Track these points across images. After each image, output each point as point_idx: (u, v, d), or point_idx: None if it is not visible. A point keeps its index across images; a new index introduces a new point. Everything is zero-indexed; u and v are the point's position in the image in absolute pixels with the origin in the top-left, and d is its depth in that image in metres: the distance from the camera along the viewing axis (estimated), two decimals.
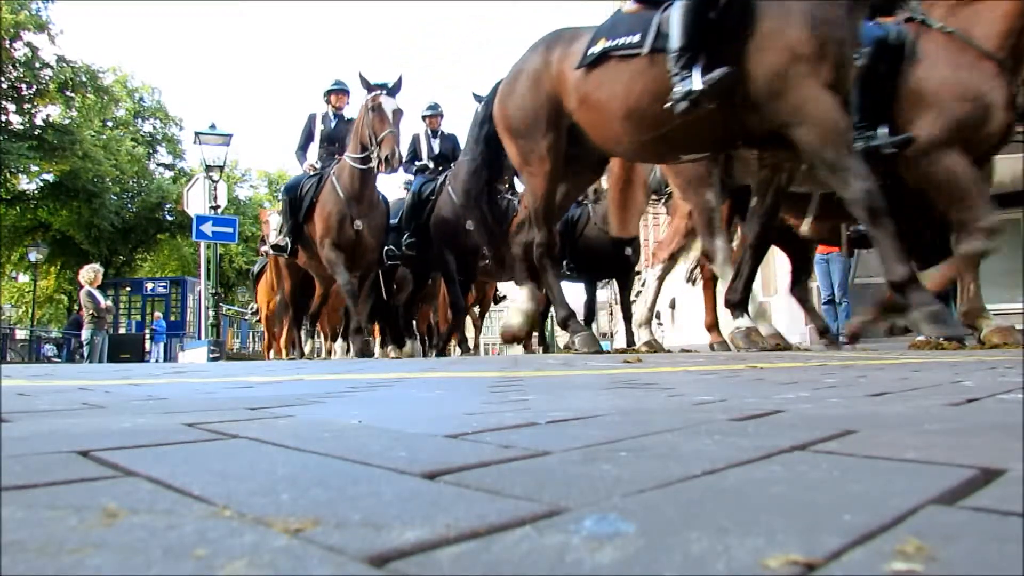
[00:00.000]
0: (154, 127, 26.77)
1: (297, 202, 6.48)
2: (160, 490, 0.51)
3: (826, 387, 1.41)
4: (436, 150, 7.48)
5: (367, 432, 0.83)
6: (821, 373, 1.89)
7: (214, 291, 10.48)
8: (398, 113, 5.92)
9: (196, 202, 10.98)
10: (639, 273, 8.03)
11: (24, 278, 25.89)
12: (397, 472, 0.57)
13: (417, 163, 7.36)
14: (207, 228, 10.23)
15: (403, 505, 0.46)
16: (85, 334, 10.09)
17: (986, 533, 0.37)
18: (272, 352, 8.71)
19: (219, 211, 10.69)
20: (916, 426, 0.79)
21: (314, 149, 6.80)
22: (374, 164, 5.86)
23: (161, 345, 14.95)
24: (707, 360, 2.95)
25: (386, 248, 6.85)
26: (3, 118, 20.05)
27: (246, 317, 18.67)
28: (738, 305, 4.26)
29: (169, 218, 24.80)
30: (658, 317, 15.67)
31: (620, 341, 10.87)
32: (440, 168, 7.33)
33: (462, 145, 6.90)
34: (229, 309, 17.18)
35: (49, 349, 17.30)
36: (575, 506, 0.45)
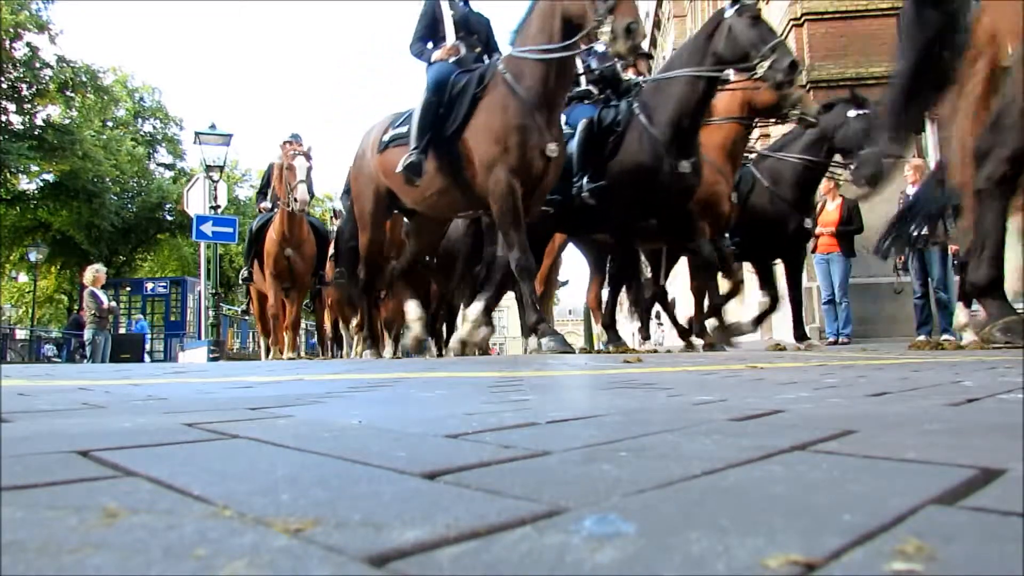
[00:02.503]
0: (154, 127, 26.79)
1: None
2: (160, 490, 0.51)
3: (826, 387, 1.41)
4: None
5: (367, 432, 0.83)
6: (821, 373, 1.89)
7: (214, 291, 10.48)
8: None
9: (196, 202, 10.98)
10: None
11: (24, 278, 25.91)
12: (397, 472, 0.57)
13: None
14: (207, 228, 10.23)
15: (403, 505, 0.46)
16: (87, 334, 10.10)
17: (986, 533, 0.37)
18: (272, 352, 8.58)
19: (219, 211, 10.70)
20: (916, 426, 0.79)
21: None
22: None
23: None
24: (707, 360, 2.95)
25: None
26: (3, 118, 20.05)
27: (246, 317, 18.67)
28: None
29: (169, 218, 24.82)
30: (657, 317, 15.67)
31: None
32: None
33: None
34: (229, 309, 17.16)
35: (49, 349, 17.30)
36: (575, 506, 0.45)
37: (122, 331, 14.64)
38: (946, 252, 6.84)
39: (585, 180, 4.78)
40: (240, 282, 8.68)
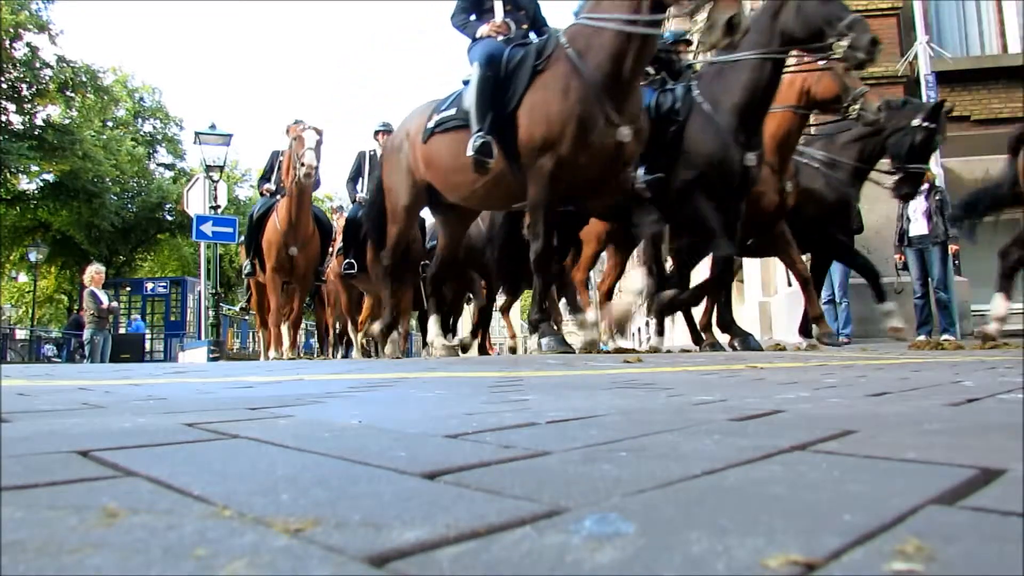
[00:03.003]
0: (154, 127, 26.79)
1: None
2: (160, 490, 0.51)
3: (826, 387, 1.41)
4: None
5: (367, 432, 0.83)
6: (821, 373, 1.89)
7: (214, 291, 10.48)
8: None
9: (196, 202, 10.97)
10: None
11: (24, 278, 25.91)
12: (397, 472, 0.57)
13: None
14: (207, 228, 10.23)
15: (403, 505, 0.46)
16: (86, 334, 10.10)
17: (986, 533, 0.37)
18: (269, 350, 8.45)
19: (219, 211, 10.69)
20: (916, 426, 0.79)
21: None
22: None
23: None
24: (707, 360, 2.95)
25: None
26: (3, 118, 20.04)
27: (246, 317, 18.67)
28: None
29: (169, 218, 24.81)
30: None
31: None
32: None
33: None
34: (229, 309, 17.16)
35: (49, 349, 17.30)
36: (575, 506, 0.45)
37: (120, 331, 14.63)
38: (946, 252, 6.84)
39: (641, 171, 4.31)
40: (242, 275, 8.09)
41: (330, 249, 7.92)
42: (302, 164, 6.47)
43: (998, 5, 8.79)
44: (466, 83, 4.30)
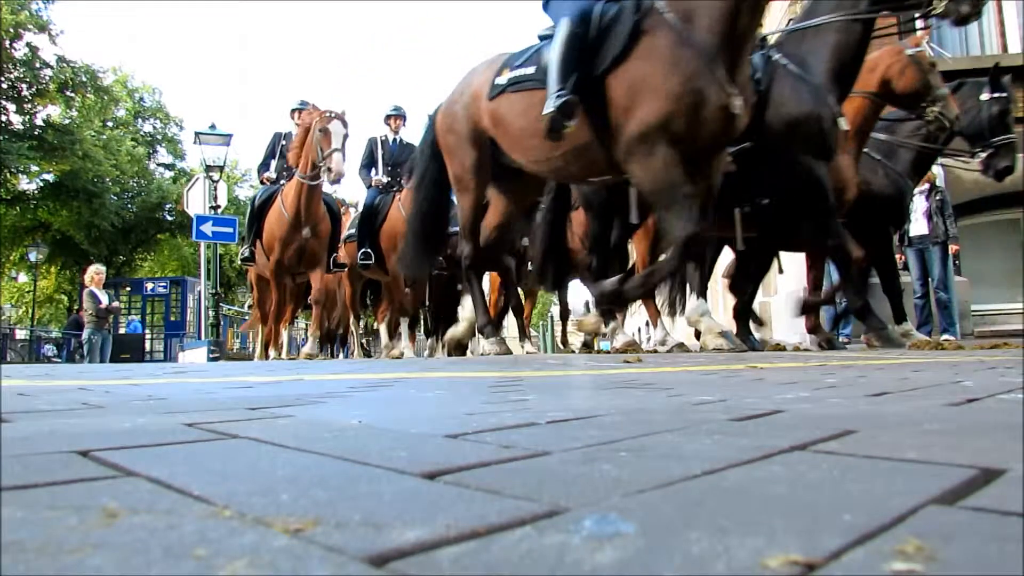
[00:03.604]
0: (154, 127, 26.79)
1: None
2: (160, 490, 0.51)
3: (826, 387, 1.41)
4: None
5: (367, 432, 0.83)
6: (821, 373, 1.89)
7: (214, 291, 10.48)
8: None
9: (196, 202, 10.98)
10: None
11: (24, 278, 25.91)
12: (397, 472, 0.57)
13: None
14: (207, 228, 10.23)
15: (403, 505, 0.46)
16: (85, 334, 10.11)
17: (986, 533, 0.37)
18: (264, 349, 8.19)
19: (219, 211, 10.70)
20: (916, 426, 0.79)
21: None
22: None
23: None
24: (707, 360, 2.95)
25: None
26: (3, 118, 20.04)
27: (246, 317, 18.66)
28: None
29: (169, 218, 24.81)
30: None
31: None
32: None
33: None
34: (229, 309, 17.16)
35: (49, 349, 17.30)
36: (575, 506, 0.45)
37: (119, 331, 14.64)
38: (946, 252, 6.84)
39: None
40: (239, 262, 7.50)
41: (343, 232, 7.51)
42: (329, 170, 6.04)
43: (998, 5, 8.79)
44: (543, 39, 3.96)
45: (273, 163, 7.16)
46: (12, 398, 1.46)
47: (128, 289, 18.08)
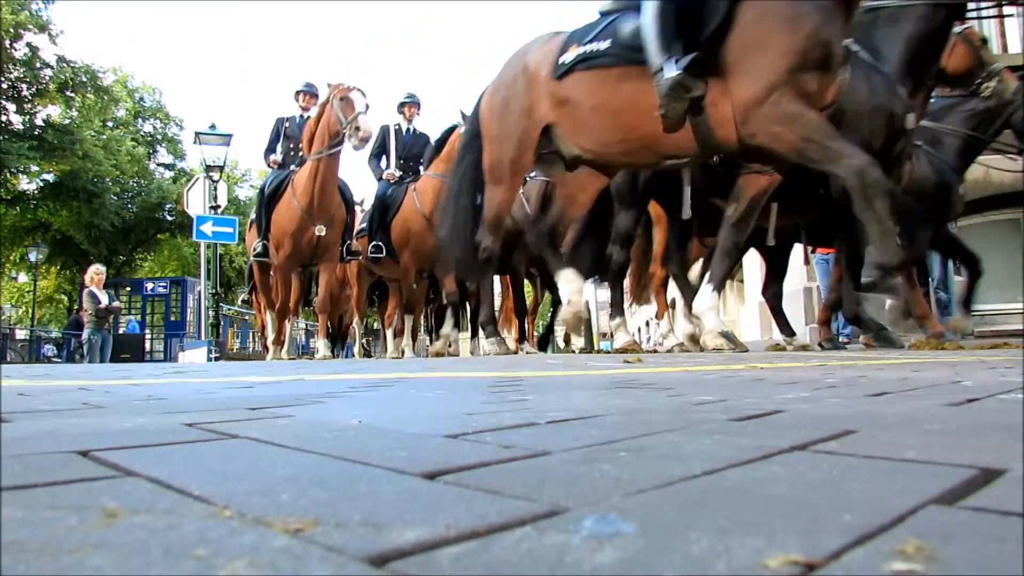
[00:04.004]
0: (154, 127, 26.79)
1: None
2: (160, 490, 0.51)
3: (826, 387, 1.41)
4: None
5: (367, 432, 0.83)
6: (821, 373, 1.89)
7: (214, 291, 10.48)
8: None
9: (196, 202, 10.97)
10: None
11: (24, 278, 25.91)
12: (397, 472, 0.57)
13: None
14: (207, 228, 10.23)
15: (403, 505, 0.46)
16: (84, 334, 10.11)
17: (986, 533, 0.37)
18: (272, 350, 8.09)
19: (219, 211, 10.69)
20: (916, 426, 0.79)
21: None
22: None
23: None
24: (707, 360, 2.95)
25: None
26: (3, 118, 20.04)
27: (246, 317, 18.66)
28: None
29: (169, 218, 24.81)
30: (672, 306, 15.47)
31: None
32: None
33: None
34: (229, 309, 17.15)
35: (49, 349, 17.29)
36: (575, 506, 0.45)
37: (117, 331, 14.64)
38: None
39: None
40: (251, 257, 6.76)
41: (356, 221, 7.23)
42: (358, 129, 5.58)
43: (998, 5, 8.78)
44: (607, 14, 3.75)
45: (279, 147, 6.81)
46: (12, 398, 1.46)
47: (128, 289, 18.06)
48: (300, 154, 6.41)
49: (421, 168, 7.08)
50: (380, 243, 6.79)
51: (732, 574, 0.32)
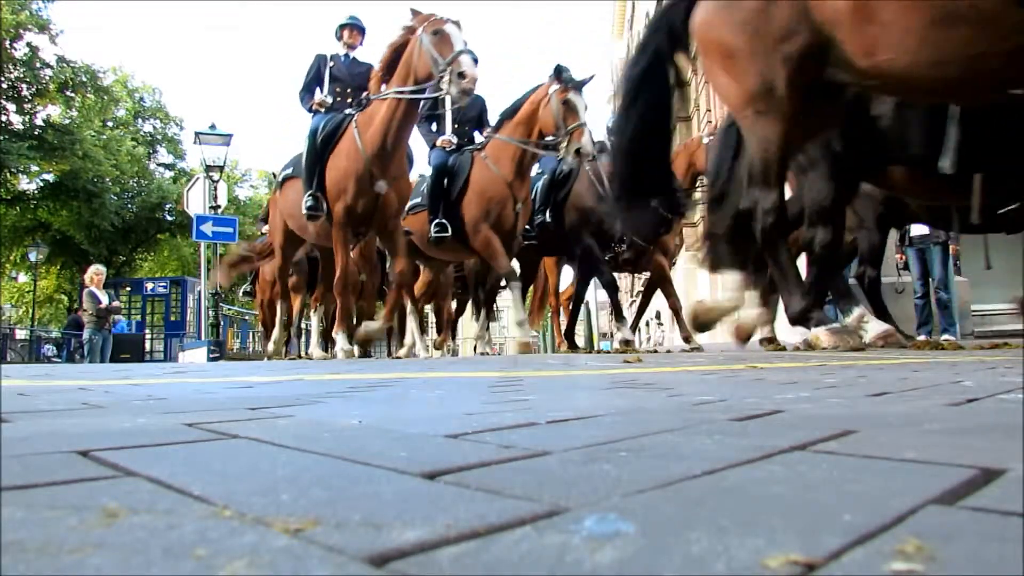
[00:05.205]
0: (154, 127, 26.81)
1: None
2: (160, 490, 0.51)
3: (826, 387, 1.40)
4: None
5: (367, 432, 0.83)
6: (821, 373, 1.89)
7: (214, 291, 10.49)
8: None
9: (196, 202, 10.99)
10: None
11: (24, 278, 25.92)
12: (397, 472, 0.57)
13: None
14: (207, 228, 10.24)
15: (403, 505, 0.46)
16: (85, 334, 10.11)
17: (986, 533, 0.37)
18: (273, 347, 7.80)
19: (219, 211, 10.71)
20: (916, 426, 0.79)
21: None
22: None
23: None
24: (707, 360, 2.95)
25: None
26: (3, 118, 20.06)
27: (246, 317, 18.66)
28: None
29: (169, 218, 24.83)
30: (658, 317, 15.63)
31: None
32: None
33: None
34: (229, 309, 17.15)
35: (49, 349, 17.28)
36: (575, 506, 0.45)
37: (138, 331, 14.66)
38: (947, 252, 6.85)
39: None
40: (304, 212, 5.23)
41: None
42: (462, 75, 4.46)
43: None
44: None
45: (319, 89, 5.67)
46: (12, 398, 1.46)
47: (128, 289, 18.07)
48: (357, 96, 5.40)
49: (436, 127, 6.12)
50: (444, 222, 5.79)
51: (732, 574, 0.32)
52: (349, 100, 5.51)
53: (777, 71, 3.04)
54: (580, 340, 7.61)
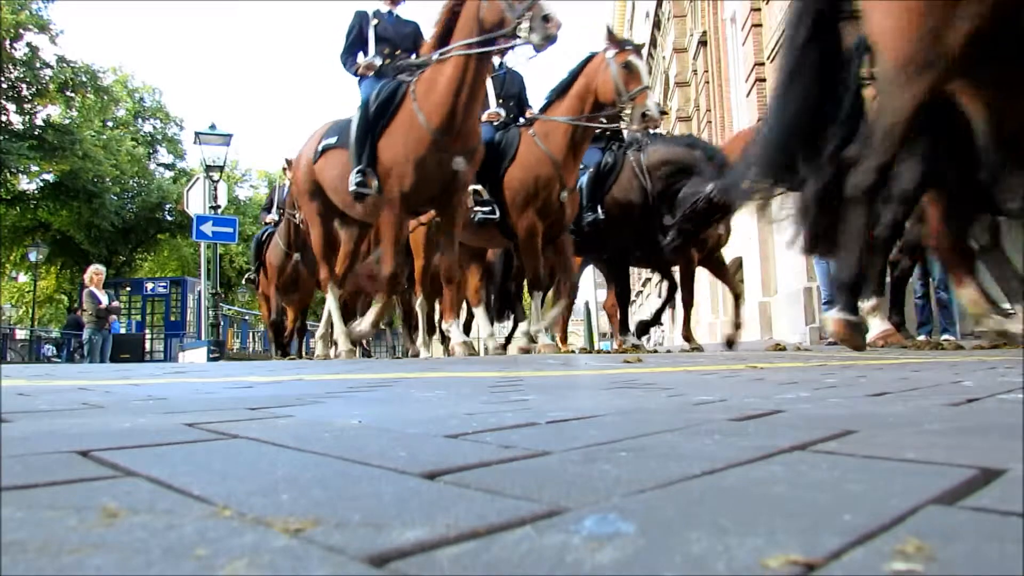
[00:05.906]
0: (154, 127, 26.83)
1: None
2: (160, 490, 0.51)
3: (826, 387, 1.40)
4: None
5: (367, 432, 0.83)
6: (821, 373, 1.89)
7: (214, 291, 10.49)
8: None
9: (196, 202, 10.99)
10: None
11: (24, 278, 25.93)
12: (397, 472, 0.57)
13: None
14: (207, 228, 10.25)
15: (403, 505, 0.46)
16: (85, 334, 10.12)
17: (986, 533, 0.37)
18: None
19: (219, 211, 10.71)
20: (916, 426, 0.79)
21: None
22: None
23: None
24: (707, 360, 2.95)
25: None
26: (3, 118, 20.06)
27: (246, 317, 18.68)
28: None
29: (169, 218, 24.85)
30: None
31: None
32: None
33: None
34: (229, 309, 17.16)
35: (49, 349, 17.29)
36: (575, 506, 0.45)
37: (138, 331, 14.66)
38: None
39: None
40: (352, 189, 4.43)
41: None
42: (546, 19, 3.80)
43: None
44: None
45: (363, 53, 4.96)
46: (12, 398, 1.46)
47: (128, 289, 18.09)
48: (411, 57, 4.78)
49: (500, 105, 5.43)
50: (494, 202, 5.15)
51: (732, 574, 0.32)
52: (399, 63, 4.83)
53: (958, 29, 2.47)
54: (580, 340, 7.52)
